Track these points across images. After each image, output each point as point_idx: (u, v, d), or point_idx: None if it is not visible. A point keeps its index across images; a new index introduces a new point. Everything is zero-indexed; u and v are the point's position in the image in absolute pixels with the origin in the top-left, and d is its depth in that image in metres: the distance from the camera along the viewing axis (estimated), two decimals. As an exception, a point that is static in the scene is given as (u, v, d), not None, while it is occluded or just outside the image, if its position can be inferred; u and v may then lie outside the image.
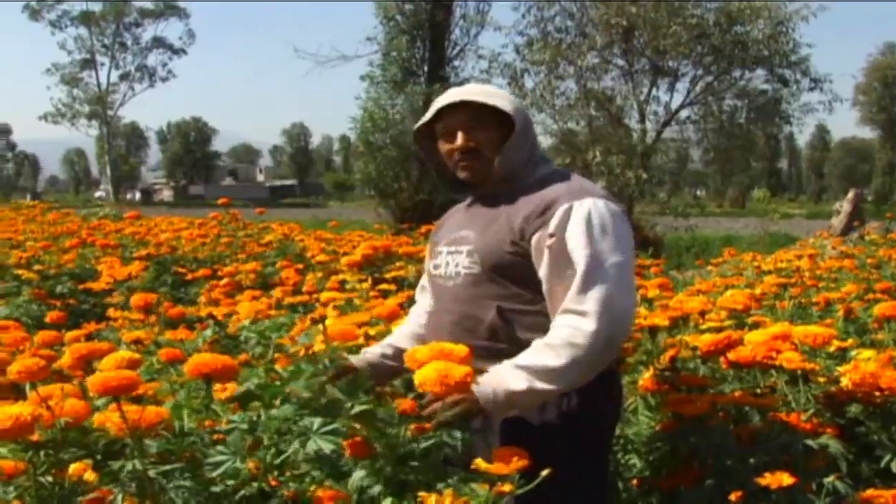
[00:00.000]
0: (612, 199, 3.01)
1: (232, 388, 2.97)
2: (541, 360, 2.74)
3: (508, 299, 2.99)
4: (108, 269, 7.04)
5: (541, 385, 2.72)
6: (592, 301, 2.76)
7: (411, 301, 5.39)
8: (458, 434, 2.65)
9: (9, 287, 7.70)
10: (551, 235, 2.88)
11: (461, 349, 2.49)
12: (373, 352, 3.44)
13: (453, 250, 3.18)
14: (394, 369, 3.41)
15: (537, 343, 2.81)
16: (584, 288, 2.78)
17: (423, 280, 3.54)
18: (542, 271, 2.91)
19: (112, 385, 2.34)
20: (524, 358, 2.78)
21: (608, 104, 25.39)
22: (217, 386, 2.93)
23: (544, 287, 2.91)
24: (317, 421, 2.37)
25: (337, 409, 2.55)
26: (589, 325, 2.73)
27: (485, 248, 3.05)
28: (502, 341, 2.96)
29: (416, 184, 27.01)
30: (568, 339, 2.74)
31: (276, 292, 5.81)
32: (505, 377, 2.73)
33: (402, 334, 3.50)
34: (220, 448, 2.39)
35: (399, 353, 3.37)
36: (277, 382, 2.81)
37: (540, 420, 2.92)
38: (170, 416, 2.61)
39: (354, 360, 3.32)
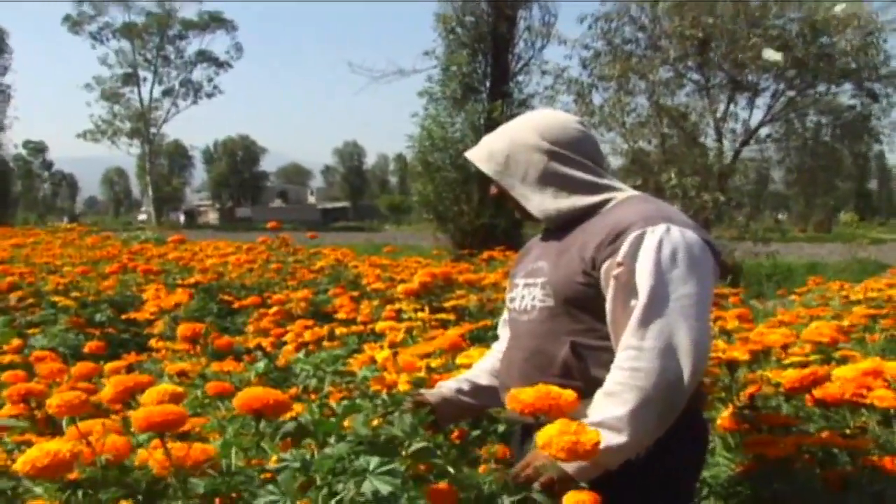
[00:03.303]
0: (693, 227, 2.95)
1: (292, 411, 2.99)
2: (606, 413, 2.68)
3: (583, 334, 2.95)
4: (153, 298, 7.09)
5: (615, 440, 2.64)
6: (653, 336, 2.70)
7: (472, 332, 5.42)
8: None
9: (45, 315, 7.78)
10: (620, 264, 2.83)
11: (569, 395, 2.44)
12: (448, 387, 3.45)
13: (530, 283, 3.17)
14: (470, 406, 3.43)
15: (598, 394, 2.76)
16: (645, 321, 2.73)
17: (505, 314, 3.52)
18: (608, 303, 2.86)
19: (156, 421, 2.34)
20: (592, 414, 2.71)
21: (682, 121, 25.16)
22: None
23: (608, 318, 2.87)
24: (374, 460, 2.35)
25: (394, 448, 2.54)
26: (648, 362, 2.68)
27: (558, 279, 3.03)
28: (575, 379, 2.89)
29: (477, 207, 26.85)
30: (628, 381, 2.69)
31: (341, 313, 5.84)
32: None
33: (482, 370, 3.51)
34: (269, 488, 2.37)
35: (476, 389, 3.42)
36: (332, 419, 2.81)
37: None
38: (217, 453, 2.61)
39: (428, 395, 3.35)
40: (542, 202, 3.13)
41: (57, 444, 2.26)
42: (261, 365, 4.13)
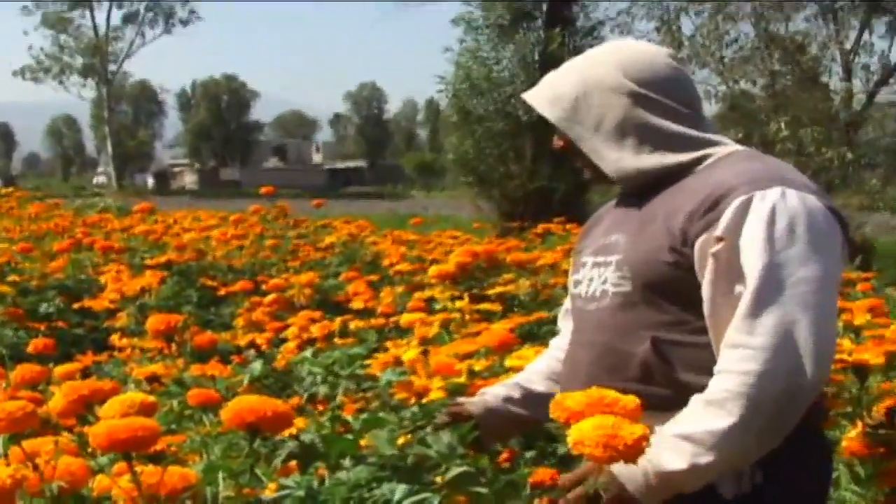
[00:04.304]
0: (815, 191, 2.83)
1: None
2: (702, 425, 2.60)
3: (668, 328, 2.86)
4: (114, 283, 7.12)
5: (707, 459, 2.58)
6: (767, 331, 2.60)
7: (524, 327, 5.42)
8: None
9: (-27, 305, 7.77)
10: (719, 239, 2.72)
11: (630, 400, 2.32)
12: (494, 394, 3.41)
13: (600, 262, 3.09)
14: (521, 419, 3.39)
15: (696, 400, 2.67)
16: (756, 311, 2.63)
17: (567, 302, 3.48)
18: (705, 288, 2.77)
19: (122, 438, 2.33)
20: (682, 423, 2.64)
21: (799, 55, 24.90)
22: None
23: (706, 309, 2.78)
24: (400, 489, 2.34)
25: (426, 473, 2.54)
26: (761, 364, 2.58)
27: (637, 258, 2.93)
28: (658, 384, 2.83)
29: (531, 166, 26.61)
30: (735, 389, 2.59)
31: (357, 303, 5.86)
32: (658, 452, 2.54)
33: (537, 373, 3.48)
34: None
35: (529, 397, 3.39)
36: (347, 436, 2.82)
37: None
38: (199, 480, 2.60)
39: (469, 404, 3.33)
40: (619, 159, 3.04)
41: (-6, 469, 2.24)
42: (256, 367, 4.15)
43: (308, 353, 4.10)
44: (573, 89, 3.10)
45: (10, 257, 9.44)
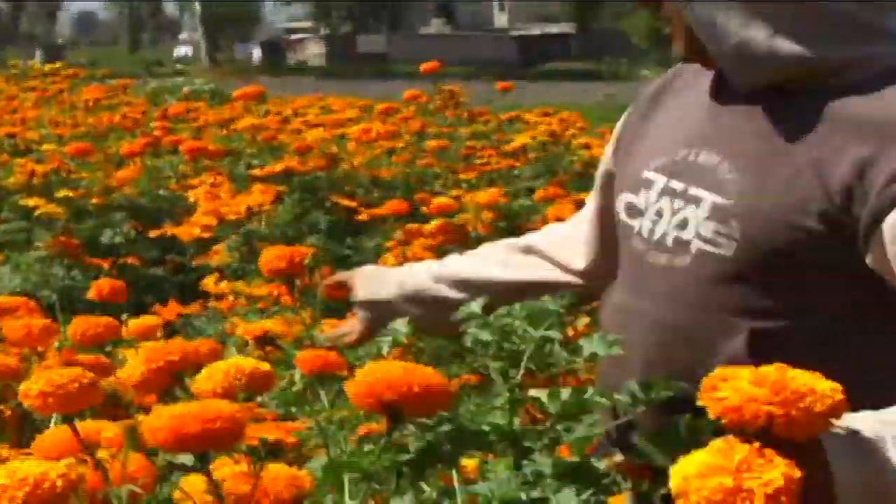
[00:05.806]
0: None
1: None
2: None
3: (776, 318, 2.57)
4: (208, 201, 7.20)
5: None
6: None
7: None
8: None
9: (10, 230, 7.95)
10: None
11: (826, 392, 1.82)
12: (420, 270, 3.48)
13: (680, 190, 2.73)
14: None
15: None
16: None
17: (589, 204, 3.29)
18: None
19: (191, 433, 2.17)
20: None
21: None
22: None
23: None
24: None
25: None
26: None
27: (759, 214, 2.55)
28: None
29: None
30: None
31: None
32: (875, 455, 1.99)
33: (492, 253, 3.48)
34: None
35: (426, 298, 3.41)
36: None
37: None
38: (315, 484, 2.57)
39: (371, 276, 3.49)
40: (749, 39, 2.55)
41: (38, 466, 2.14)
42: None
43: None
44: None
45: (60, 163, 9.42)
